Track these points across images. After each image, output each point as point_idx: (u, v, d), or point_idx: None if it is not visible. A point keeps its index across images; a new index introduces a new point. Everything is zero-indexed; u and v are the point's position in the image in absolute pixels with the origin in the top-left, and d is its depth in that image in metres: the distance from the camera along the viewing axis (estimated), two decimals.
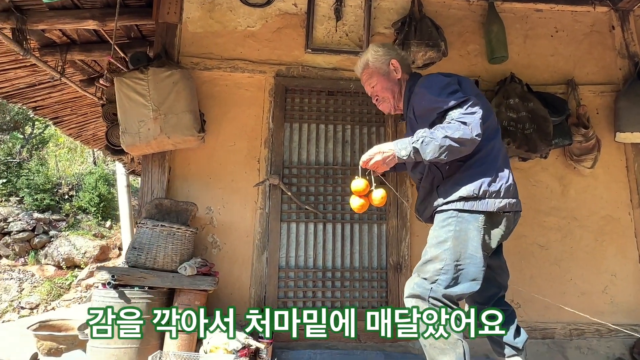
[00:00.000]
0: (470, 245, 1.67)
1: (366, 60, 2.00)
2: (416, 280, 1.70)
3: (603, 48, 3.14)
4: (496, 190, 1.70)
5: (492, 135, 1.81)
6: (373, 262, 2.76)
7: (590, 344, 2.70)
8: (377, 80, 1.98)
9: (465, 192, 1.70)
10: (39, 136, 10.53)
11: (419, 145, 1.65)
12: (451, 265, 1.65)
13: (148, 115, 2.43)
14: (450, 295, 1.63)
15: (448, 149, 1.63)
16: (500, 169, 1.75)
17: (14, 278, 7.60)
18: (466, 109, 1.66)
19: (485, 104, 1.84)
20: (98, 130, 5.56)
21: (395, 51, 2.04)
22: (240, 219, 2.71)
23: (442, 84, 1.76)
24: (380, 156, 1.70)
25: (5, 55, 3.55)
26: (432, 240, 1.74)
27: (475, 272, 1.66)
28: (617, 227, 2.89)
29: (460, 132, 1.62)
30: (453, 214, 1.72)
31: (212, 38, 2.90)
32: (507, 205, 1.72)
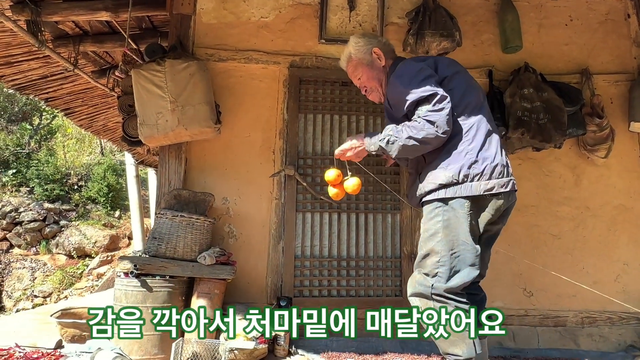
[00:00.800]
0: (461, 233, 1.65)
1: (348, 53, 2.02)
2: (417, 277, 1.71)
3: (618, 37, 3.11)
4: (479, 172, 1.65)
5: (474, 114, 1.75)
6: (387, 251, 2.80)
7: (602, 331, 2.74)
8: (361, 71, 1.99)
9: (444, 178, 1.67)
10: (47, 127, 10.59)
11: (384, 145, 1.75)
12: (447, 255, 1.65)
13: (166, 107, 2.45)
14: (452, 287, 1.63)
15: (412, 149, 1.69)
16: (484, 149, 1.69)
17: (27, 267, 7.73)
18: (434, 105, 1.64)
19: (465, 82, 1.81)
20: (108, 121, 5.59)
21: (376, 39, 2.04)
22: (256, 209, 2.74)
23: (412, 73, 1.74)
24: (353, 152, 1.86)
25: (18, 47, 3.57)
26: (424, 234, 1.74)
27: (471, 258, 1.65)
28: (629, 217, 2.90)
29: (424, 133, 1.64)
30: (438, 205, 1.70)
31: (226, 29, 2.91)
32: (495, 186, 1.66)
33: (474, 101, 1.78)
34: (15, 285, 7.49)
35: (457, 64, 1.89)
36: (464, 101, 1.75)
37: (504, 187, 1.69)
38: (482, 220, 1.70)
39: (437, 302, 1.62)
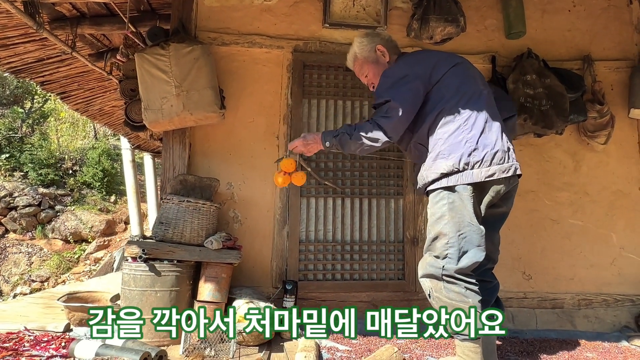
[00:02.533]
0: (466, 215, 1.70)
1: (354, 53, 2.10)
2: (428, 259, 1.76)
3: (620, 23, 3.13)
4: (479, 159, 1.69)
5: (471, 103, 1.78)
6: (390, 235, 2.84)
7: (598, 313, 2.82)
8: (367, 68, 2.07)
9: (445, 168, 1.72)
10: (39, 110, 10.44)
11: (337, 141, 1.88)
12: (455, 236, 1.69)
13: (170, 91, 2.44)
14: (462, 268, 1.68)
15: (360, 146, 1.83)
16: (484, 137, 1.72)
17: (23, 252, 7.73)
18: (386, 112, 1.79)
19: (463, 73, 1.87)
20: (105, 105, 5.53)
21: (379, 36, 2.11)
22: (261, 194, 2.76)
23: (392, 76, 1.87)
24: (303, 146, 2.00)
25: (15, 29, 3.50)
26: (431, 218, 1.79)
27: (477, 239, 1.69)
28: (627, 202, 2.96)
29: (372, 134, 1.79)
30: (442, 190, 1.76)
31: (229, 12, 2.87)
32: (496, 172, 1.70)
33: (470, 90, 1.82)
34: (12, 270, 7.48)
35: (455, 57, 1.96)
36: (460, 91, 1.80)
37: (505, 173, 1.73)
38: (484, 204, 1.76)
39: (447, 282, 1.67)
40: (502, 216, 1.94)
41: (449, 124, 1.75)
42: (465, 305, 1.63)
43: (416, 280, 2.75)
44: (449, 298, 1.66)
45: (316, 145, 1.97)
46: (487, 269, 1.97)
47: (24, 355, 1.91)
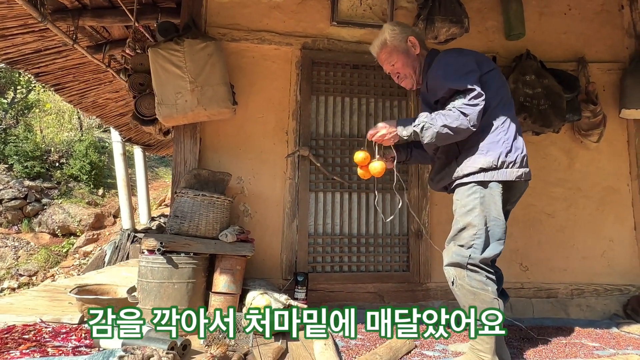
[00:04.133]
0: (493, 210, 1.82)
1: (384, 39, 2.06)
2: (454, 249, 1.85)
3: (612, 27, 3.28)
4: (513, 160, 1.84)
5: (506, 108, 1.92)
6: (395, 229, 2.94)
7: (589, 302, 2.99)
8: (397, 57, 2.05)
9: (485, 163, 1.82)
10: (23, 101, 10.18)
11: (419, 130, 1.82)
12: (483, 229, 1.79)
13: (185, 87, 2.47)
14: (486, 258, 1.79)
15: (444, 136, 1.78)
16: (516, 140, 1.87)
17: (9, 246, 7.58)
18: (469, 100, 1.75)
19: (500, 78, 1.96)
20: (99, 97, 5.46)
21: (411, 29, 2.12)
22: (270, 188, 2.82)
23: (459, 64, 1.86)
24: (386, 130, 1.89)
25: (14, 20, 3.44)
26: (461, 210, 1.87)
27: (500, 233, 1.82)
28: (616, 197, 3.13)
29: (458, 122, 1.74)
30: (475, 184, 1.85)
31: (238, 8, 2.90)
32: (523, 174, 1.86)
33: (506, 96, 1.94)
34: None
35: (492, 62, 2.01)
36: (499, 95, 1.89)
37: (527, 176, 1.90)
38: (507, 202, 1.89)
39: (471, 271, 1.77)
40: (508, 213, 2.07)
41: (490, 124, 1.85)
42: (485, 293, 1.74)
43: (421, 272, 2.87)
44: (471, 285, 1.76)
45: (396, 135, 1.89)
46: (492, 261, 2.09)
47: (48, 346, 1.94)
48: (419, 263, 2.87)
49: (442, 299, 2.82)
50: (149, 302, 2.26)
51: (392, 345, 2.03)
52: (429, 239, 2.88)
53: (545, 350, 2.19)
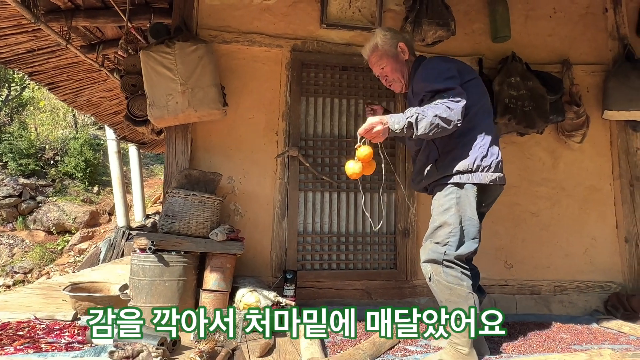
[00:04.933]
0: (468, 210, 1.92)
1: (375, 43, 2.14)
2: (430, 246, 1.93)
3: (596, 29, 3.35)
4: (488, 165, 1.94)
5: (485, 116, 2.03)
6: (383, 227, 3.01)
7: (571, 298, 3.07)
8: (386, 61, 2.14)
9: (462, 166, 1.93)
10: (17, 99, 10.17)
11: (413, 120, 1.80)
12: (457, 227, 1.89)
13: (176, 89, 2.52)
14: (460, 255, 1.88)
15: (437, 127, 1.79)
16: (492, 146, 1.98)
17: (4, 243, 7.61)
18: (452, 97, 1.83)
19: (480, 87, 2.06)
20: (93, 96, 5.50)
21: (402, 35, 2.21)
22: (261, 188, 2.88)
23: (441, 69, 1.96)
24: (381, 126, 1.81)
25: (7, 20, 3.48)
26: (438, 209, 1.97)
27: (474, 232, 1.92)
28: (599, 197, 3.21)
29: (447, 114, 1.79)
30: (452, 186, 1.95)
31: (229, 11, 2.95)
32: (497, 178, 1.97)
33: (486, 105, 2.05)
34: None
35: (473, 72, 2.11)
36: (479, 103, 1.99)
37: (501, 181, 2.00)
38: (480, 204, 1.98)
39: (446, 267, 1.86)
40: (483, 215, 2.16)
41: (469, 129, 1.94)
42: (460, 288, 1.83)
43: (407, 269, 2.94)
44: (447, 281, 1.84)
45: (387, 130, 1.83)
46: (469, 259, 2.17)
47: (42, 342, 2.00)
48: (405, 261, 2.94)
49: (427, 295, 2.90)
50: (140, 299, 2.32)
51: (376, 340, 2.10)
52: (416, 237, 2.95)
53: (524, 345, 2.26)
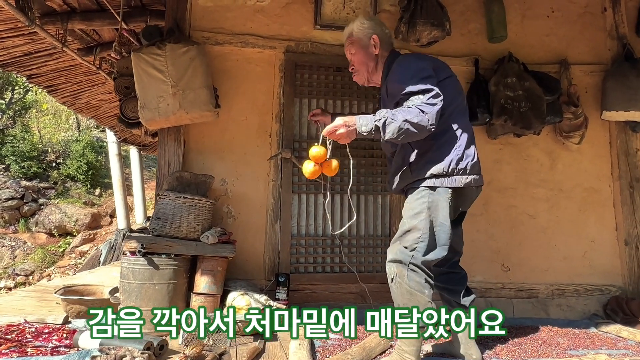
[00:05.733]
0: (440, 215, 1.86)
1: (352, 29, 2.14)
2: (398, 247, 1.87)
3: (595, 29, 3.30)
4: (463, 167, 1.89)
5: (460, 116, 1.98)
6: (377, 230, 2.98)
7: (570, 302, 3.02)
8: (356, 50, 2.12)
9: (436, 170, 1.87)
10: (20, 102, 10.24)
11: (381, 125, 1.77)
12: (427, 233, 1.83)
13: (167, 90, 2.50)
14: (427, 261, 1.83)
15: (405, 132, 1.75)
16: (467, 148, 1.92)
17: (6, 246, 7.64)
18: (428, 99, 1.77)
19: (455, 87, 2.01)
20: (92, 99, 5.51)
21: (380, 27, 2.14)
22: (254, 190, 2.85)
23: (417, 68, 1.89)
24: (345, 129, 1.80)
25: (3, 24, 3.49)
26: (409, 212, 1.91)
27: (444, 239, 1.87)
28: (598, 198, 3.16)
29: (419, 119, 1.74)
30: (425, 189, 1.90)
31: (223, 12, 2.94)
32: (472, 181, 1.92)
33: (461, 104, 2.00)
34: None
35: (448, 69, 2.06)
36: (454, 103, 1.94)
37: (477, 183, 1.95)
38: (456, 207, 1.95)
39: (411, 270, 1.80)
40: (463, 214, 2.13)
41: (444, 131, 1.89)
42: (421, 295, 1.78)
43: None
44: (410, 286, 1.78)
45: (354, 131, 1.81)
46: (455, 262, 2.14)
47: (28, 346, 1.99)
48: None
49: None
50: (130, 303, 2.30)
51: (366, 345, 2.07)
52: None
53: (518, 350, 2.22)
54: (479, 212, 3.03)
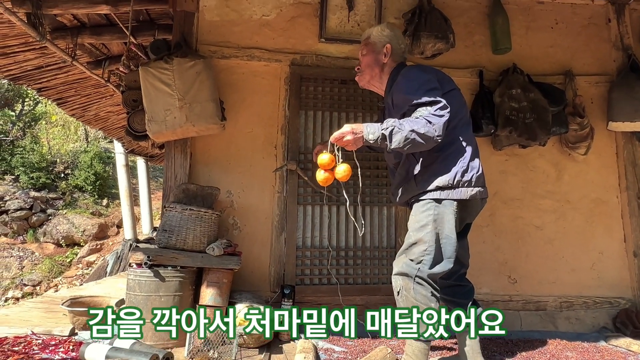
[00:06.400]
0: (446, 227, 1.87)
1: (371, 32, 2.19)
2: (404, 260, 1.88)
3: (599, 40, 3.31)
4: (468, 179, 1.90)
5: (465, 128, 2.00)
6: (383, 241, 2.97)
7: (578, 314, 2.98)
8: (367, 52, 2.16)
9: (441, 182, 1.88)
10: (30, 113, 10.40)
11: (388, 133, 1.77)
12: (433, 245, 1.84)
13: (174, 104, 2.54)
14: (434, 274, 1.83)
15: (412, 142, 1.76)
16: (472, 160, 1.94)
17: (14, 256, 7.70)
18: (435, 110, 1.79)
19: (459, 99, 2.04)
20: (100, 111, 5.59)
21: (397, 39, 2.16)
22: (259, 202, 2.87)
23: (422, 80, 1.92)
24: (352, 136, 1.80)
25: (15, 38, 3.57)
26: (415, 225, 1.92)
27: (450, 251, 1.87)
28: (605, 209, 3.14)
29: (426, 129, 1.75)
30: (431, 201, 1.90)
31: (229, 27, 2.98)
32: (477, 193, 1.92)
33: (465, 117, 2.02)
34: (3, 274, 7.46)
35: (452, 82, 2.08)
36: (459, 115, 1.96)
37: (482, 195, 1.96)
38: (462, 220, 1.95)
39: (418, 284, 1.81)
40: (469, 226, 2.13)
41: (449, 143, 1.91)
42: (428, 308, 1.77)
43: None
44: (416, 299, 1.79)
45: (361, 138, 1.81)
46: (462, 274, 2.13)
47: (35, 358, 2.00)
48: None
49: None
50: None
51: (371, 358, 2.05)
52: None
53: None
54: (485, 223, 3.01)
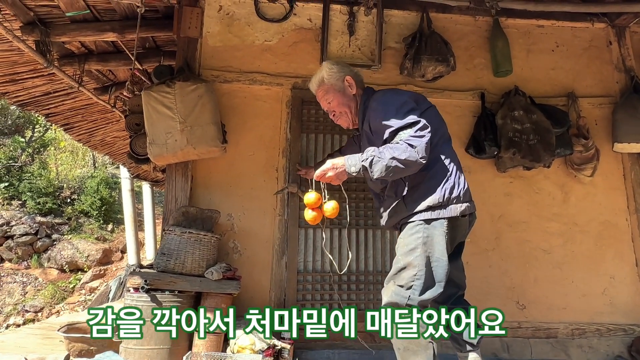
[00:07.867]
0: (437, 250, 1.81)
1: (321, 78, 2.13)
2: (393, 288, 1.82)
3: (601, 62, 3.31)
4: (457, 196, 1.86)
5: (446, 145, 1.98)
6: (386, 266, 2.90)
7: (591, 342, 2.86)
8: (333, 96, 2.10)
9: (431, 201, 1.84)
10: (40, 139, 10.57)
11: (367, 164, 1.77)
12: (423, 270, 1.78)
13: (175, 127, 2.55)
14: (425, 300, 1.77)
15: (394, 170, 1.74)
16: (457, 176, 1.91)
17: (18, 281, 7.66)
18: (415, 132, 1.76)
19: (437, 116, 2.01)
20: (107, 136, 5.66)
21: (349, 68, 2.17)
22: (260, 225, 2.83)
23: (399, 103, 1.89)
24: (333, 172, 1.83)
25: (24, 65, 3.66)
26: (403, 249, 1.86)
27: (441, 274, 1.80)
28: (615, 232, 3.05)
29: (407, 154, 1.72)
30: (420, 222, 1.85)
31: (231, 52, 3.03)
32: (466, 208, 1.88)
33: (446, 133, 2.00)
34: (5, 300, 7.40)
35: (427, 100, 2.06)
36: (439, 133, 1.94)
37: (470, 210, 1.92)
38: (453, 239, 1.90)
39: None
40: (462, 244, 2.07)
41: (433, 161, 1.87)
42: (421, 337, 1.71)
43: None
44: None
45: (344, 172, 1.83)
46: (460, 296, 2.07)
47: None
48: None
49: None
50: (131, 341, 2.25)
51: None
52: None
53: None
54: (491, 247, 2.95)
